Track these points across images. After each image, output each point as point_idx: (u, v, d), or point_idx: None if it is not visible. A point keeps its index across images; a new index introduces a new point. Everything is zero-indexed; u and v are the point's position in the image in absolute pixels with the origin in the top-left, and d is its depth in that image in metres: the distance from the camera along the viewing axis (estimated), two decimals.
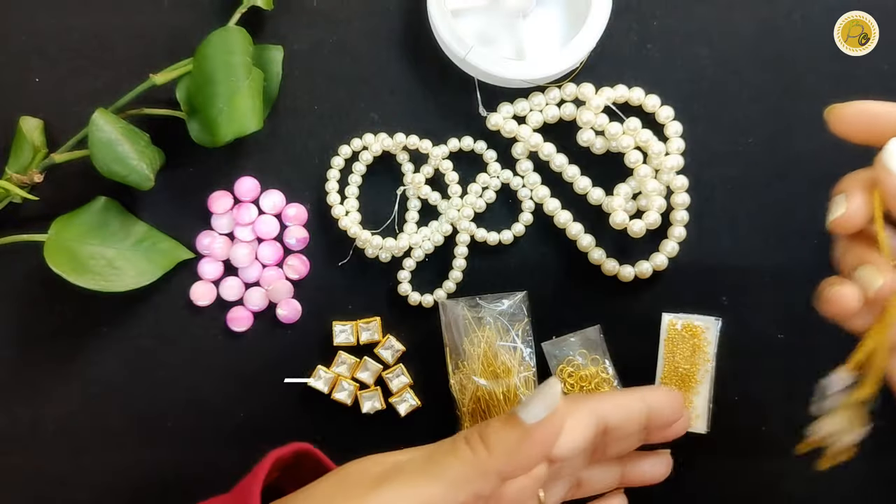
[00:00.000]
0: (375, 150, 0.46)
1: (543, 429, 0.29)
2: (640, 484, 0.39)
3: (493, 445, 0.29)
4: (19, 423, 0.47)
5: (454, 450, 0.29)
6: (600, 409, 0.34)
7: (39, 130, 0.45)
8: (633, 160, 0.44)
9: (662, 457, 0.39)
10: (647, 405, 0.35)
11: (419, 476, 0.29)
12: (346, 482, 0.30)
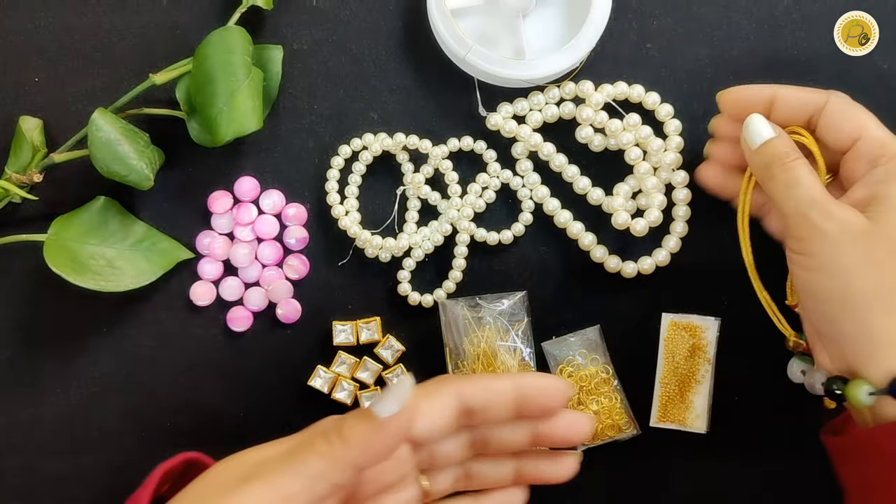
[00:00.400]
0: (375, 150, 0.46)
1: (396, 420, 0.30)
2: (538, 482, 0.37)
3: (348, 438, 0.30)
4: (19, 423, 0.47)
5: (311, 445, 0.30)
6: (462, 390, 0.34)
7: (39, 130, 0.45)
8: (633, 157, 0.44)
9: (566, 458, 0.37)
10: (517, 388, 0.34)
11: (279, 473, 0.30)
12: (212, 486, 0.31)
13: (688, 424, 0.45)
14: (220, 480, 0.31)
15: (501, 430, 0.35)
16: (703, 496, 0.46)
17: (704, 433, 0.45)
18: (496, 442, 0.35)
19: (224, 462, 0.32)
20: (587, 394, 0.45)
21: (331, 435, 0.30)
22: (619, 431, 0.45)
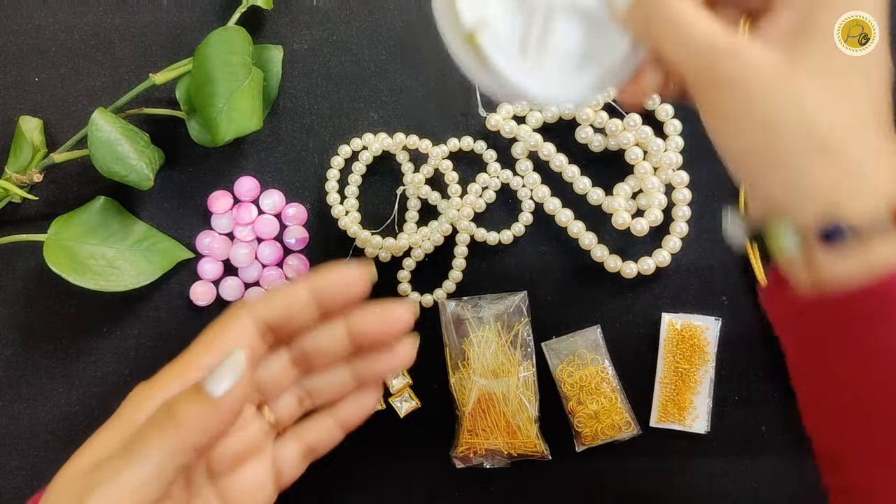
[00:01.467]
0: (375, 149, 0.46)
1: (230, 397, 0.30)
2: (380, 376, 0.36)
3: (183, 423, 0.29)
4: (19, 423, 0.47)
5: (146, 437, 0.30)
6: (255, 311, 0.33)
7: (39, 130, 0.45)
8: (634, 157, 0.44)
9: (399, 345, 0.35)
10: (311, 289, 0.33)
11: (122, 472, 0.29)
12: (59, 500, 0.30)
13: (688, 424, 0.45)
14: (67, 492, 0.30)
15: (317, 339, 0.34)
16: (704, 496, 0.46)
17: (704, 433, 0.45)
18: (317, 352, 0.34)
19: (60, 478, 0.31)
20: (587, 394, 0.45)
21: (164, 423, 0.30)
22: (619, 431, 0.45)
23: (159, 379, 0.32)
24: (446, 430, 0.46)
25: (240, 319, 0.33)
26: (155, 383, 0.32)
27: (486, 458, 0.45)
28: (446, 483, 0.46)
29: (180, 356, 0.33)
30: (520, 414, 0.45)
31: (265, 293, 0.36)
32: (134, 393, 0.32)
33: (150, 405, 0.31)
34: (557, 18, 0.34)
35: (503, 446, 0.45)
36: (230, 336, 0.33)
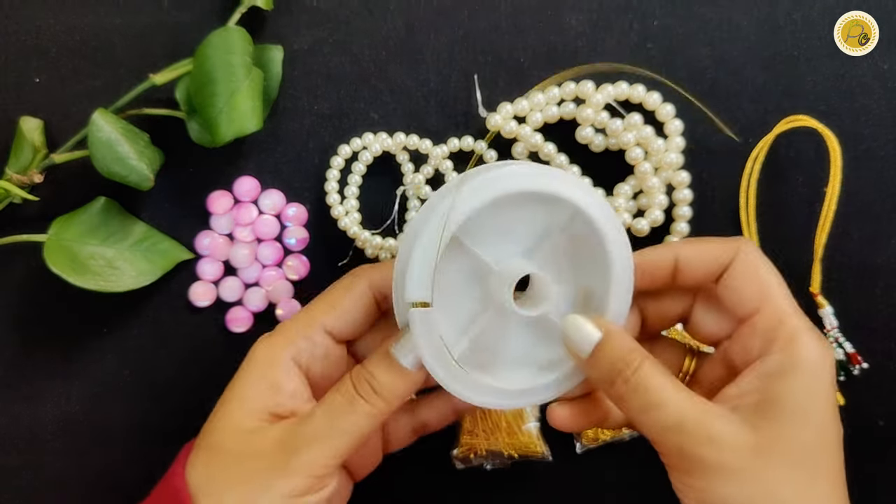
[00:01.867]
0: (375, 150, 0.46)
1: (421, 370, 0.33)
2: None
3: (387, 396, 0.33)
4: (19, 423, 0.47)
5: (353, 408, 0.33)
6: (372, 278, 0.36)
7: (39, 130, 0.45)
8: (634, 157, 0.44)
9: None
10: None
11: (329, 437, 0.32)
12: (256, 461, 0.33)
13: None
14: (266, 459, 0.32)
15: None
16: None
17: None
18: None
19: (224, 436, 0.34)
20: None
21: (368, 394, 0.33)
22: (620, 432, 0.45)
23: (283, 335, 0.36)
24: (446, 430, 0.46)
25: (359, 282, 0.36)
26: (278, 339, 0.35)
27: (487, 459, 0.45)
28: (446, 483, 0.46)
29: (301, 313, 0.37)
30: (520, 415, 0.45)
31: (381, 264, 0.38)
32: (260, 349, 0.36)
33: (279, 364, 0.35)
34: (500, 326, 0.35)
35: (503, 447, 0.45)
36: (350, 299, 0.36)
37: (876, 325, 0.46)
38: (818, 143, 0.44)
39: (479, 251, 0.34)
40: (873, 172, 0.46)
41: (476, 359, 0.35)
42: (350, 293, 0.36)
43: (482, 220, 0.33)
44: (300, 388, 0.35)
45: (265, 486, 0.32)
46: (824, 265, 0.44)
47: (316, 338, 0.35)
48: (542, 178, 0.33)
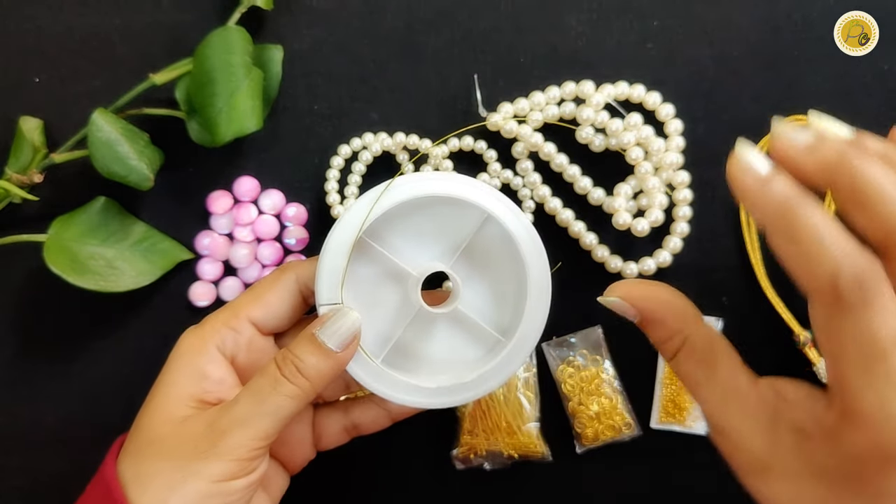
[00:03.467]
0: (375, 150, 0.46)
1: (347, 352, 0.34)
2: None
3: (311, 376, 0.33)
4: (19, 423, 0.47)
5: (277, 389, 0.33)
6: (299, 272, 0.37)
7: (39, 130, 0.45)
8: (634, 157, 0.44)
9: None
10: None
11: (254, 419, 0.33)
12: (185, 442, 0.33)
13: (688, 425, 0.45)
14: (194, 442, 0.33)
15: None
16: (703, 497, 0.46)
17: (705, 434, 0.45)
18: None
19: (156, 423, 0.35)
20: (588, 394, 0.45)
21: (293, 375, 0.33)
22: (620, 432, 0.45)
23: (208, 325, 0.36)
24: (446, 430, 0.46)
25: (287, 278, 0.37)
26: (203, 329, 0.36)
27: (487, 459, 0.45)
28: (446, 484, 0.46)
29: (227, 305, 0.37)
30: (520, 415, 0.45)
31: (308, 259, 0.39)
32: (186, 339, 0.37)
33: (205, 353, 0.36)
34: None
35: (503, 447, 0.45)
36: (275, 292, 0.37)
37: None
38: None
39: (396, 256, 0.36)
40: None
41: (402, 359, 0.37)
42: (275, 287, 0.37)
43: (396, 226, 0.36)
44: (226, 376, 0.36)
45: (192, 470, 0.32)
46: None
47: (240, 328, 0.36)
48: (448, 184, 0.35)
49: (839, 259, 0.23)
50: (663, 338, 0.30)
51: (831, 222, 0.24)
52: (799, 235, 0.24)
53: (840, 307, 0.24)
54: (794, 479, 0.26)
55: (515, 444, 0.44)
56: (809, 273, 0.24)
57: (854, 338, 0.24)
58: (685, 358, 0.29)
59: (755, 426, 0.27)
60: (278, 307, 0.37)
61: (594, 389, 0.45)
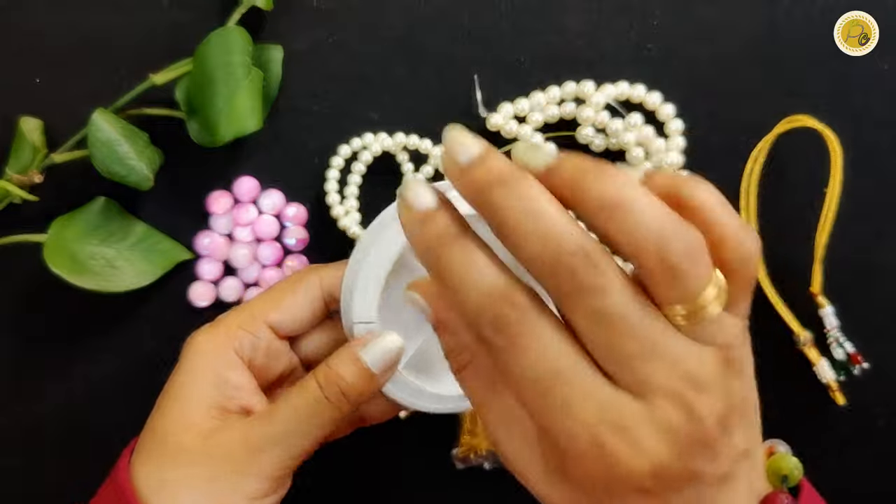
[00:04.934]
0: (375, 150, 0.46)
1: (385, 376, 0.34)
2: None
3: (353, 398, 0.33)
4: (19, 423, 0.47)
5: (320, 409, 0.33)
6: (322, 276, 0.37)
7: (39, 130, 0.45)
8: (635, 157, 0.44)
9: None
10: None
11: (293, 439, 0.33)
12: (222, 462, 0.33)
13: None
14: (226, 456, 0.32)
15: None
16: None
17: None
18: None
19: (180, 434, 0.34)
20: None
21: (339, 397, 0.33)
22: None
23: (224, 327, 0.35)
24: (446, 430, 0.46)
25: (310, 281, 0.36)
26: (220, 332, 0.35)
27: (487, 459, 0.45)
28: (446, 484, 0.46)
29: (244, 307, 0.36)
30: None
31: (332, 264, 0.38)
32: (201, 341, 0.35)
33: (224, 357, 0.35)
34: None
35: None
36: (296, 296, 0.36)
37: (876, 325, 0.46)
38: (818, 143, 0.44)
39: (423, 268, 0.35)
40: (873, 172, 0.45)
41: (419, 366, 0.37)
42: (297, 290, 0.36)
43: None
44: (246, 382, 0.35)
45: (227, 485, 0.32)
46: (824, 265, 0.44)
47: (259, 332, 0.35)
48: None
49: (476, 308, 0.22)
50: (448, 347, 0.27)
51: (478, 264, 0.22)
52: (442, 276, 0.23)
53: (491, 352, 0.23)
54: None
55: None
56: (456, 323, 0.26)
57: (518, 382, 0.23)
58: (470, 375, 0.27)
59: (532, 454, 0.26)
60: (298, 312, 0.36)
61: None
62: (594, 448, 0.22)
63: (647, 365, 0.22)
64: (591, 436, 0.22)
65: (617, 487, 0.22)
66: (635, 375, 0.22)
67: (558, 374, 0.22)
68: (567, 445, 0.23)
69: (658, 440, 0.22)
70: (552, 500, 0.25)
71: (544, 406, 0.22)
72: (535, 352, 0.22)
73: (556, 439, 0.23)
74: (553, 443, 0.23)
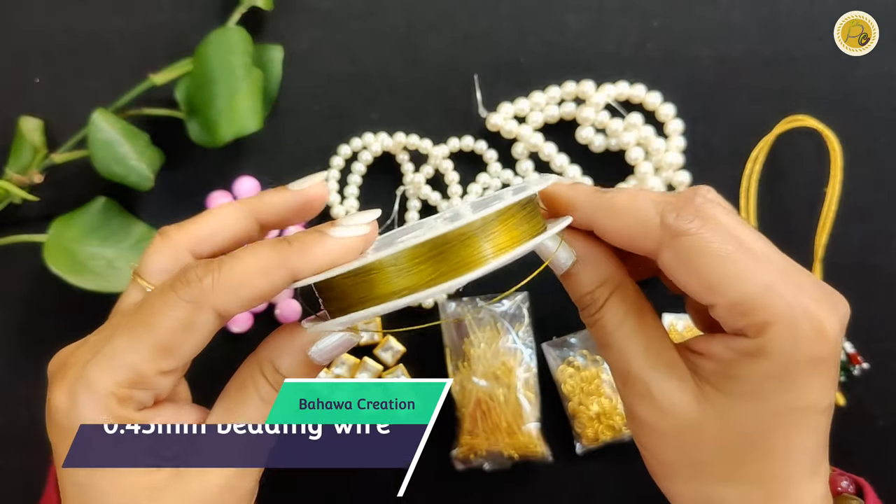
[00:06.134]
0: (375, 150, 0.46)
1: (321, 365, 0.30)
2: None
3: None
4: (19, 423, 0.47)
5: (245, 399, 0.29)
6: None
7: (39, 130, 0.45)
8: (634, 157, 0.44)
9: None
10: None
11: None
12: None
13: None
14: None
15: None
16: None
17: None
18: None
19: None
20: (588, 395, 0.45)
21: (265, 390, 0.29)
22: (620, 432, 0.45)
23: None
24: (446, 430, 0.46)
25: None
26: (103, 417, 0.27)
27: (487, 460, 0.45)
28: (446, 484, 0.46)
29: (114, 360, 0.28)
30: (520, 415, 0.45)
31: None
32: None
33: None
34: None
35: (503, 447, 0.45)
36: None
37: (876, 325, 0.46)
38: (818, 143, 0.44)
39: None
40: (873, 172, 0.46)
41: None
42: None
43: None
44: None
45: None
46: (824, 265, 0.44)
47: (149, 385, 0.28)
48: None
49: (667, 205, 0.26)
50: (596, 281, 0.29)
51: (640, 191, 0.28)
52: (615, 205, 0.28)
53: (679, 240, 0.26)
54: (725, 428, 0.26)
55: (515, 444, 0.44)
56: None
57: (714, 258, 0.25)
58: (618, 302, 0.28)
59: (682, 387, 0.27)
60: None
61: (594, 390, 0.45)
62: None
63: None
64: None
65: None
66: None
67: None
68: (784, 315, 0.25)
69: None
70: (702, 438, 0.26)
71: (751, 273, 0.25)
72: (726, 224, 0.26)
73: (768, 312, 0.25)
74: (756, 325, 0.25)
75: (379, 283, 0.27)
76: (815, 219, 0.44)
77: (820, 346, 0.25)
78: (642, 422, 0.28)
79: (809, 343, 0.25)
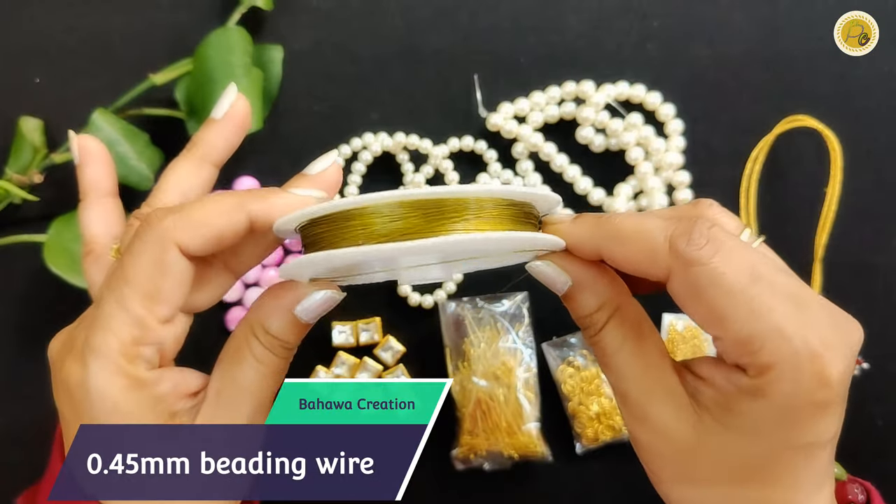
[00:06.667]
0: (375, 150, 0.46)
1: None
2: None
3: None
4: (19, 422, 0.46)
5: (241, 360, 0.30)
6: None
7: (39, 130, 0.45)
8: (634, 157, 0.44)
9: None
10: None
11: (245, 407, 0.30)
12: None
13: None
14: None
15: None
16: None
17: None
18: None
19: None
20: (588, 395, 0.45)
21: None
22: (620, 432, 0.45)
23: (118, 360, 0.28)
24: (446, 430, 0.46)
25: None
26: (118, 373, 0.28)
27: (487, 460, 0.45)
28: (446, 484, 0.46)
29: (119, 312, 0.28)
30: (520, 415, 0.45)
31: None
32: (101, 398, 0.28)
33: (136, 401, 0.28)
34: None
35: (503, 447, 0.45)
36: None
37: (876, 325, 0.46)
38: (818, 143, 0.44)
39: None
40: (873, 172, 0.46)
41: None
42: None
43: None
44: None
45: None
46: (824, 265, 0.44)
47: (155, 337, 0.29)
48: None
49: (673, 230, 0.25)
50: (594, 305, 0.28)
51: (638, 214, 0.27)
52: (618, 230, 0.27)
53: (687, 269, 0.25)
54: (725, 456, 0.26)
55: (515, 444, 0.44)
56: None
57: (725, 285, 0.25)
58: (617, 325, 0.28)
59: (679, 412, 0.26)
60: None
61: (594, 389, 0.45)
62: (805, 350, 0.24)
63: None
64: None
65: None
66: None
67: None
68: (787, 357, 0.24)
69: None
70: (697, 464, 0.26)
71: (750, 313, 0.24)
72: (739, 252, 0.25)
73: (772, 352, 0.24)
74: (759, 365, 0.24)
75: (363, 227, 0.26)
76: (815, 219, 0.44)
77: (821, 393, 0.24)
78: (639, 442, 0.28)
79: (811, 390, 0.24)
